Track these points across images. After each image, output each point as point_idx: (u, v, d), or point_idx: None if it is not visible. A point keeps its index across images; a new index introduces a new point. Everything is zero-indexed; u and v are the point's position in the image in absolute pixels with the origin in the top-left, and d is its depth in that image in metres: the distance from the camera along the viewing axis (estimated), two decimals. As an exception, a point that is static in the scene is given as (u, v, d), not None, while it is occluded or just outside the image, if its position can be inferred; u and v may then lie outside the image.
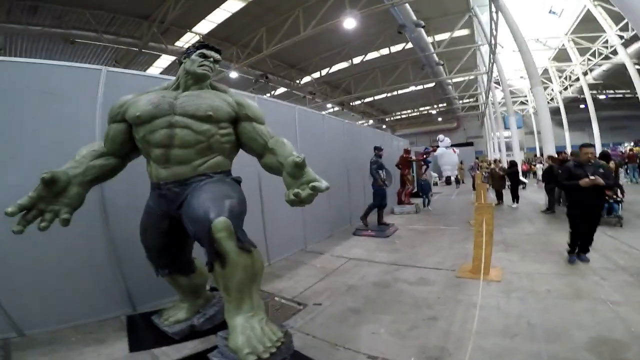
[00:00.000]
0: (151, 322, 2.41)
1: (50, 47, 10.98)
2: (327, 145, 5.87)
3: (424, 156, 12.12)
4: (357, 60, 15.26)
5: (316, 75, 17.24)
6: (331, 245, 5.01)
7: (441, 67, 14.21)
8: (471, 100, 22.45)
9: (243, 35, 12.27)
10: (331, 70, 16.48)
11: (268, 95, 19.33)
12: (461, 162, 17.29)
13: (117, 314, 2.71)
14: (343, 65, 16.08)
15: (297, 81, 17.10)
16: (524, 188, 10.09)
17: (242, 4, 10.34)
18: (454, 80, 17.97)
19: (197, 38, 11.93)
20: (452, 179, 17.79)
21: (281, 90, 18.88)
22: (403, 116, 27.68)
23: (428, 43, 11.71)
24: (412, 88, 19.03)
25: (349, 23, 9.52)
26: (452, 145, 19.68)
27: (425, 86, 19.49)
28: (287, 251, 4.59)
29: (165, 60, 13.55)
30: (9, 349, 2.15)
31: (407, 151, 8.79)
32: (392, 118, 28.46)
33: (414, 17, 9.84)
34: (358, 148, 7.15)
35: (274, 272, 3.77)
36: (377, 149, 6.18)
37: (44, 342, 2.23)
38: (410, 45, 12.80)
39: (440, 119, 26.72)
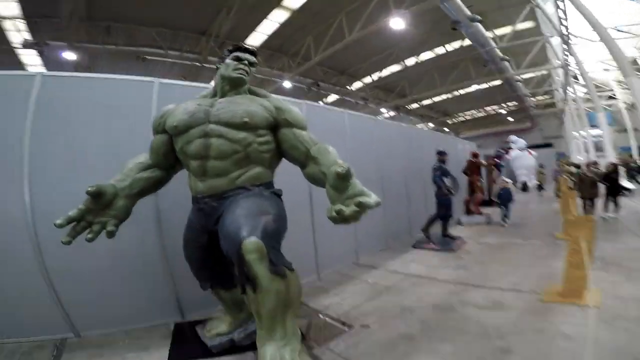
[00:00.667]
0: (195, 331, 2.41)
1: (126, 66, 12.42)
2: (381, 150, 5.61)
3: (496, 160, 11.18)
4: (409, 61, 14.69)
5: (367, 80, 17.03)
6: (386, 258, 4.68)
7: (506, 63, 12.99)
8: (546, 97, 20.20)
9: (292, 44, 12.69)
10: (383, 74, 16.13)
11: (319, 103, 19.65)
12: (541, 166, 15.52)
13: (166, 320, 2.78)
14: (395, 68, 15.65)
15: (348, 87, 17.03)
16: (627, 194, 8.58)
17: (287, 14, 10.65)
18: (524, 76, 16.35)
19: (251, 51, 12.59)
20: (529, 184, 16.05)
21: (333, 97, 19.05)
22: (467, 117, 25.95)
23: (488, 38, 10.83)
24: (475, 87, 17.75)
25: (397, 23, 9.22)
26: (527, 147, 17.89)
27: (491, 84, 18.01)
28: (337, 263, 4.39)
29: None
30: (62, 348, 2.29)
31: (475, 155, 8.08)
32: (455, 120, 26.89)
33: (468, 12, 9.17)
34: (417, 153, 6.73)
35: (322, 286, 3.61)
36: (441, 154, 5.71)
37: (94, 344, 2.36)
38: (468, 42, 12.01)
39: (511, 119, 24.46)
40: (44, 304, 2.49)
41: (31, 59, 11.13)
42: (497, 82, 16.52)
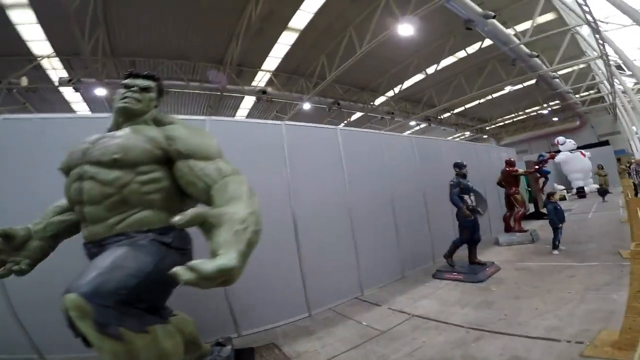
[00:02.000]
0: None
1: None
2: (391, 167, 5.13)
3: (537, 166, 9.91)
4: (431, 69, 13.89)
5: (390, 93, 16.41)
6: (396, 292, 4.07)
7: (537, 59, 11.77)
8: (591, 92, 18.09)
9: (307, 65, 12.62)
10: (405, 86, 15.44)
11: (344, 123, 19.28)
12: (600, 167, 13.59)
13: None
14: (418, 77, 14.90)
15: (371, 103, 16.51)
16: None
17: (295, 35, 10.56)
18: (560, 72, 14.77)
19: (268, 75, 12.73)
20: (587, 189, 14.13)
21: (357, 115, 18.60)
22: (507, 122, 24.05)
23: (509, 35, 9.86)
24: (509, 88, 16.39)
25: (405, 30, 8.68)
26: (578, 148, 15.95)
27: (525, 84, 16.55)
28: (334, 300, 3.88)
29: (249, 101, 14.81)
30: None
31: (510, 163, 7.05)
32: (494, 125, 25.04)
33: (478, 9, 8.40)
34: (438, 167, 6.11)
35: (309, 327, 3.17)
36: (458, 167, 4.96)
37: None
38: (488, 42, 11.10)
39: (556, 118, 22.22)
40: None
41: (73, 96, 11.96)
42: (533, 82, 15.07)
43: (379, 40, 9.50)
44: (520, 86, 17.00)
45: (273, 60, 11.99)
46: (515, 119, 22.61)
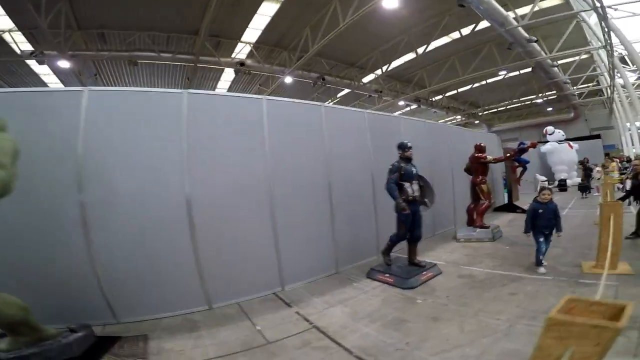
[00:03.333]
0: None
1: (123, 70, 12.37)
2: (331, 146, 4.59)
3: (514, 155, 9.38)
4: (423, 49, 12.99)
5: (379, 72, 15.52)
6: (317, 291, 3.76)
7: (535, 45, 10.95)
8: (590, 84, 17.23)
9: (290, 38, 11.74)
10: (395, 64, 14.55)
11: (331, 100, 18.49)
12: (584, 161, 13.02)
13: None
14: (409, 56, 14.01)
15: (360, 81, 15.66)
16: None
17: (276, 5, 9.69)
18: (561, 61, 13.91)
19: (248, 48, 11.90)
20: (570, 182, 13.73)
21: (345, 92, 17.81)
22: (500, 109, 23.22)
23: (506, 16, 9.01)
24: (503, 74, 15.58)
25: (390, 2, 7.89)
26: (567, 139, 15.40)
27: (522, 71, 15.68)
28: (246, 294, 3.63)
29: (230, 74, 13.90)
30: None
31: (479, 148, 6.41)
32: (486, 112, 24.22)
33: None
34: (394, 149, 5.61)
35: (197, 323, 3.03)
36: (401, 148, 4.22)
37: None
38: (486, 23, 10.24)
39: (550, 108, 21.43)
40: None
41: (42, 69, 11.28)
42: (529, 69, 14.26)
43: (363, 12, 8.70)
44: (516, 73, 16.16)
45: (253, 31, 11.12)
46: (508, 107, 21.74)
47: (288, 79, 13.07)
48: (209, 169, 3.49)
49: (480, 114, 23.67)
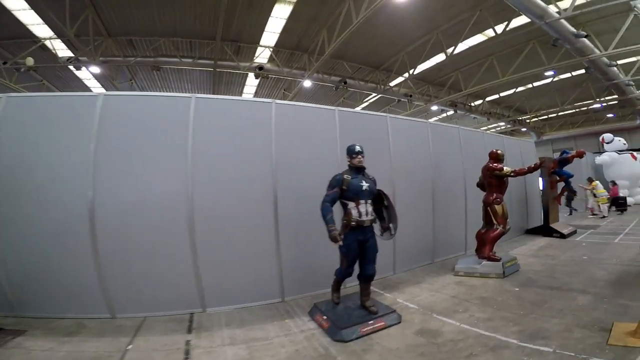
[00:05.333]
0: None
1: (165, 76, 12.86)
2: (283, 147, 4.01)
3: (554, 166, 7.81)
4: (453, 49, 11.59)
5: (407, 74, 14.27)
6: (241, 321, 3.32)
7: (587, 42, 9.12)
8: None
9: (308, 41, 11.21)
10: (424, 66, 13.27)
11: (364, 104, 17.54)
12: None
13: None
14: (439, 57, 12.64)
15: (388, 84, 14.55)
16: None
17: (289, 7, 9.22)
18: (621, 61, 11.54)
19: (267, 52, 11.59)
20: (632, 200, 11.43)
21: (374, 97, 16.75)
22: (551, 115, 20.36)
23: (545, 8, 7.52)
24: (552, 75, 13.47)
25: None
26: (630, 150, 12.89)
27: (575, 73, 13.42)
28: (153, 309, 3.47)
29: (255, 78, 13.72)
30: None
31: (494, 156, 5.00)
32: (534, 118, 21.44)
33: None
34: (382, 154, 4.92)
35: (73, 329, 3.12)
36: (349, 154, 3.28)
37: None
38: (525, 19, 8.73)
39: (611, 115, 18.26)
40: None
41: (84, 74, 12.02)
42: (583, 71, 12.10)
43: (375, 8, 7.85)
44: (567, 75, 13.93)
45: (270, 35, 10.79)
46: (560, 113, 18.92)
47: (307, 83, 12.52)
48: (116, 176, 3.37)
49: (527, 120, 20.99)
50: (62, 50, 10.17)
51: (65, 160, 3.32)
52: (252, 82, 14.33)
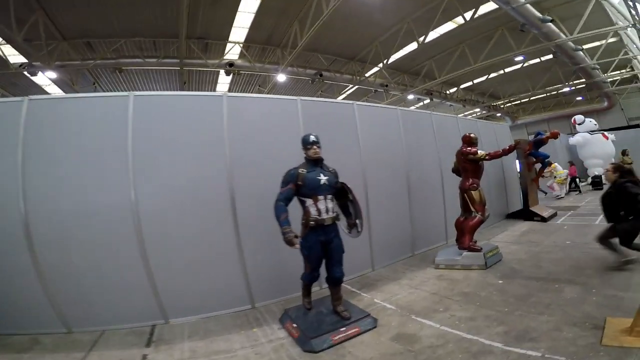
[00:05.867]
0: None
1: (131, 78, 12.19)
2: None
3: (529, 148, 7.72)
4: (426, 37, 11.46)
5: (386, 64, 14.09)
6: (205, 332, 3.13)
7: (553, 27, 9.18)
8: (623, 70, 14.54)
9: (280, 35, 10.89)
10: (398, 55, 13.15)
11: (342, 96, 17.30)
12: (624, 153, 11.15)
13: None
14: (412, 46, 12.50)
15: (363, 75, 14.33)
16: None
17: (257, 1, 8.85)
18: (586, 45, 11.75)
19: (238, 48, 11.12)
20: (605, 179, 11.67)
21: (352, 88, 16.54)
22: (524, 100, 20.74)
23: None
24: (521, 61, 13.64)
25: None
26: (601, 130, 13.20)
27: (544, 58, 13.62)
28: (111, 322, 3.27)
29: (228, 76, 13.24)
30: None
31: (467, 140, 4.75)
32: (509, 103, 21.78)
33: None
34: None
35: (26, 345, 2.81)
36: (303, 145, 2.97)
37: None
38: (493, 5, 8.67)
39: (580, 98, 18.77)
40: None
41: (42, 80, 11.18)
42: (551, 56, 12.24)
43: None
44: (537, 60, 14.14)
45: (240, 30, 10.33)
46: (532, 97, 19.28)
47: (281, 77, 12.19)
48: (47, 185, 3.16)
49: (502, 106, 21.32)
50: (14, 56, 9.34)
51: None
52: (224, 80, 13.76)
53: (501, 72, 15.82)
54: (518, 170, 8.58)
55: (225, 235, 3.55)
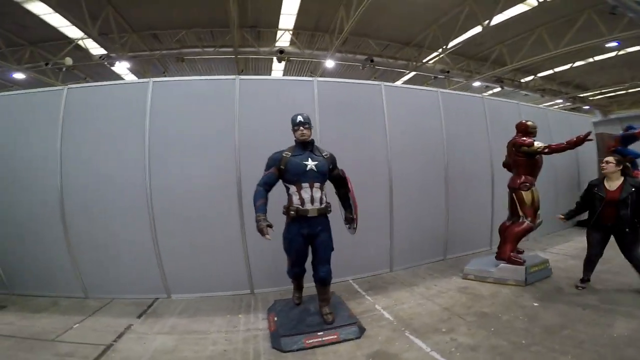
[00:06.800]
0: None
1: (193, 67, 13.02)
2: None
3: (615, 144, 6.33)
4: (494, 20, 9.96)
5: (445, 48, 12.77)
6: (195, 310, 3.33)
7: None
8: None
9: (328, 21, 10.54)
10: (460, 40, 11.72)
11: (399, 82, 16.27)
12: None
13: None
14: (476, 30, 11.01)
15: (420, 61, 13.19)
16: None
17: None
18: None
19: (288, 35, 11.08)
20: None
21: (410, 75, 15.40)
22: (620, 92, 17.15)
23: None
24: (615, 49, 11.16)
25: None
26: None
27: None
28: (121, 292, 3.66)
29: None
30: None
31: (522, 128, 4.03)
32: (600, 95, 18.25)
33: None
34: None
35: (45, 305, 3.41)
36: (293, 126, 2.72)
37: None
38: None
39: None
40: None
41: (121, 69, 12.55)
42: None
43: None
44: (637, 48, 11.44)
45: (288, 17, 10.29)
46: (630, 90, 15.79)
47: (330, 63, 11.88)
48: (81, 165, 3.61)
49: (590, 98, 17.95)
50: (96, 48, 10.63)
51: (36, 150, 3.58)
52: (278, 67, 13.98)
53: (590, 60, 13.23)
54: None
55: (230, 219, 3.67)
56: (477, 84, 15.75)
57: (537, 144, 3.79)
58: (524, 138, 3.90)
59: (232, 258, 3.63)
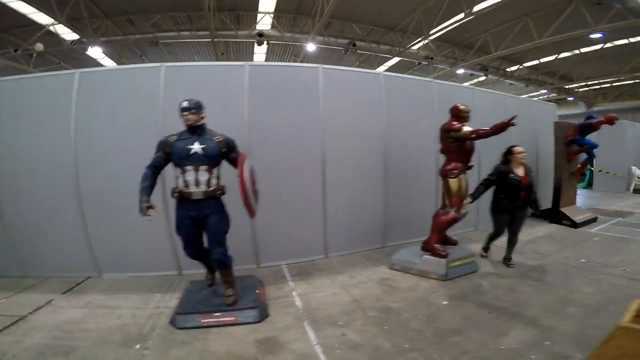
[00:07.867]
0: None
1: (173, 52, 12.61)
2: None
3: (573, 134, 6.16)
4: (477, 6, 9.59)
5: (430, 35, 12.38)
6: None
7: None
8: None
9: (310, 2, 10.04)
10: (445, 26, 11.38)
11: (383, 68, 15.90)
12: None
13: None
14: (459, 16, 10.64)
15: (404, 47, 12.83)
16: None
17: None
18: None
19: (268, 18, 10.69)
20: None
21: (394, 60, 15.03)
22: (604, 85, 16.85)
23: None
24: (601, 41, 10.85)
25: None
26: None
27: (633, 40, 10.65)
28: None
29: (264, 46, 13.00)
30: None
31: (456, 112, 3.75)
32: (586, 87, 17.92)
33: None
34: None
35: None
36: (179, 112, 2.65)
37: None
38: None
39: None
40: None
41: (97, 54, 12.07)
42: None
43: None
44: (624, 41, 11.13)
45: (269, 0, 9.84)
46: (615, 83, 15.50)
47: (311, 47, 11.51)
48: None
49: (576, 89, 17.64)
50: (68, 33, 10.18)
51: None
52: (260, 51, 13.55)
53: (576, 51, 12.89)
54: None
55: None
56: (460, 71, 15.38)
57: (466, 129, 3.54)
58: (454, 122, 3.65)
59: (159, 240, 3.64)
